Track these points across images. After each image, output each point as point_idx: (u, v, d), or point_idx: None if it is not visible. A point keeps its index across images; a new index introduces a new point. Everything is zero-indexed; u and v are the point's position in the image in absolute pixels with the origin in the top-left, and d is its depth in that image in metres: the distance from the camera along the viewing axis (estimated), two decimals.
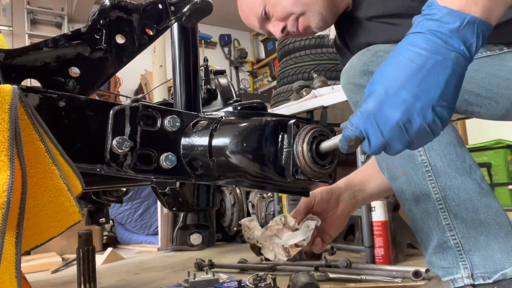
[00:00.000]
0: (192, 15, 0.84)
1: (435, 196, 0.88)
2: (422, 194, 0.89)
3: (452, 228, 0.87)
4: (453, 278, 0.88)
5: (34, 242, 0.52)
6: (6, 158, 0.44)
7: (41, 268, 2.27)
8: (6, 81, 0.69)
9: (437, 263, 0.91)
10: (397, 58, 0.54)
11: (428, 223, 0.90)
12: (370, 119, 0.54)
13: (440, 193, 0.87)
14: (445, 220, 0.88)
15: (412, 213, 0.92)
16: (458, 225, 0.87)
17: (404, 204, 0.94)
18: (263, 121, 0.60)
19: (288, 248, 0.83)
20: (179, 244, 0.82)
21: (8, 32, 5.05)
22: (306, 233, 0.84)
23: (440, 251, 0.89)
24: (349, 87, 0.93)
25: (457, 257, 0.87)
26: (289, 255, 0.84)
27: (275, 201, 2.27)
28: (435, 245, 0.90)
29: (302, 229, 0.85)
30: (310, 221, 0.86)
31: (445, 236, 0.88)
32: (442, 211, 0.88)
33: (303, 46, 2.91)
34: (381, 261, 1.69)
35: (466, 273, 0.86)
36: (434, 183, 0.87)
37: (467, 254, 0.86)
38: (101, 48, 0.79)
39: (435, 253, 0.91)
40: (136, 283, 1.79)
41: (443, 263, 0.89)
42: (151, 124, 0.65)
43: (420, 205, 0.90)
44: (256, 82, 6.99)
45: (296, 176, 0.56)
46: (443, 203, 0.87)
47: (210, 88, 1.21)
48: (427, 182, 0.88)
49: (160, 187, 0.72)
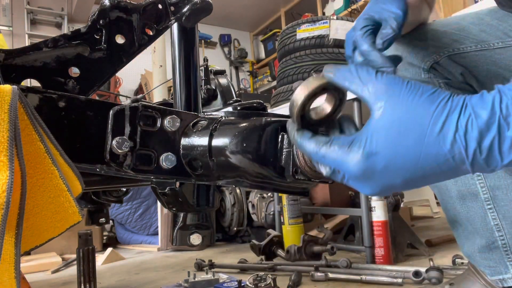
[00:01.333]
0: (192, 15, 0.83)
1: (483, 196, 0.87)
2: (469, 193, 0.89)
3: (501, 228, 0.87)
4: (502, 278, 0.88)
5: (33, 242, 0.52)
6: (6, 159, 0.44)
7: (41, 268, 2.27)
8: (6, 81, 0.69)
9: (483, 262, 0.91)
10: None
11: (475, 222, 0.89)
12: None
13: (489, 193, 0.87)
14: (493, 221, 0.87)
15: (456, 211, 0.92)
16: (507, 225, 0.86)
17: (447, 201, 0.93)
18: (263, 121, 0.60)
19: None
20: (179, 244, 0.82)
21: (8, 32, 5.05)
22: None
23: (487, 251, 0.89)
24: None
25: (504, 257, 0.87)
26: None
27: (275, 201, 2.27)
28: (482, 245, 0.89)
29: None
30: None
31: (493, 236, 0.87)
32: (491, 211, 0.87)
33: (303, 46, 2.91)
34: (381, 261, 1.69)
35: None
36: (483, 182, 0.87)
37: None
38: (101, 48, 0.79)
39: (480, 252, 0.90)
40: (136, 283, 1.79)
41: (489, 262, 0.89)
42: (151, 124, 0.64)
43: (466, 204, 0.90)
44: (256, 82, 6.99)
45: (296, 176, 0.56)
46: (492, 203, 0.87)
47: (210, 88, 1.21)
48: (475, 182, 0.88)
49: (160, 187, 0.72)
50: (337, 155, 0.44)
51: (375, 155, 0.41)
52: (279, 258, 1.92)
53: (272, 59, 6.32)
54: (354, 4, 4.54)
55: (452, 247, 1.95)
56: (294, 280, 1.45)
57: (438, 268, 1.36)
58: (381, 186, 0.43)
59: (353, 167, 0.43)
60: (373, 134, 0.42)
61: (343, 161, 0.43)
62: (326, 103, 0.49)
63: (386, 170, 0.41)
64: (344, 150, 0.43)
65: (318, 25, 2.88)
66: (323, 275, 1.50)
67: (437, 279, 1.32)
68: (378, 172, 0.42)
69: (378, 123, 0.42)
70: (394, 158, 0.41)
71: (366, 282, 1.44)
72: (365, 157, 0.42)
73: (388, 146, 0.41)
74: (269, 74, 6.58)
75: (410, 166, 0.41)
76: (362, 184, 0.44)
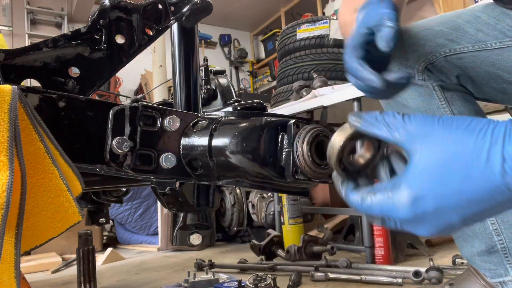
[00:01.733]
0: (192, 15, 0.84)
1: None
2: None
3: (500, 233, 0.87)
4: (502, 281, 0.88)
5: (33, 242, 0.52)
6: (6, 159, 0.44)
7: (41, 268, 2.27)
8: (6, 81, 0.69)
9: (482, 264, 0.90)
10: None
11: (474, 227, 0.89)
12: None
13: None
14: (492, 225, 0.87)
15: None
16: (506, 230, 0.86)
17: None
18: (263, 121, 0.60)
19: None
20: (179, 244, 0.82)
21: (8, 32, 5.05)
22: None
23: (486, 254, 0.89)
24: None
25: (504, 260, 0.87)
26: None
27: (275, 201, 2.27)
28: (481, 249, 0.89)
29: None
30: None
31: (492, 241, 0.87)
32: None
33: (303, 46, 2.91)
34: (381, 261, 1.69)
35: None
36: None
37: None
38: (101, 48, 0.79)
39: (479, 255, 0.90)
40: (136, 283, 1.79)
41: (489, 265, 0.89)
42: (151, 124, 0.64)
43: None
44: (256, 82, 6.99)
45: (296, 176, 0.56)
46: None
47: (210, 88, 1.21)
48: None
49: (160, 187, 0.72)
50: (383, 204, 0.42)
51: (423, 199, 0.40)
52: (279, 258, 1.92)
53: (272, 59, 6.31)
54: None
55: (452, 247, 1.94)
56: (294, 280, 1.45)
57: (438, 268, 1.36)
58: (439, 227, 0.41)
59: (402, 213, 0.41)
60: (415, 178, 0.40)
61: (391, 209, 0.42)
62: (365, 148, 0.48)
63: (439, 211, 0.40)
64: (389, 198, 0.41)
65: (318, 25, 2.88)
66: (323, 275, 1.50)
67: (437, 279, 1.32)
68: (430, 214, 0.40)
69: (418, 166, 0.40)
70: (443, 198, 0.39)
71: (366, 282, 1.44)
72: (412, 202, 0.40)
73: (434, 187, 0.39)
74: (269, 74, 6.58)
75: (464, 203, 0.39)
76: (418, 227, 0.42)
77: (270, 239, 1.96)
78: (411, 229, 0.42)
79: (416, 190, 0.40)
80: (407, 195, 0.40)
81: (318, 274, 1.50)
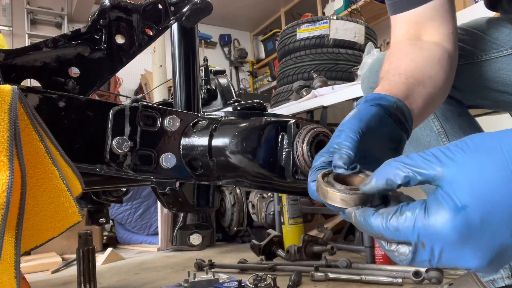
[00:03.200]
0: (192, 15, 0.83)
1: None
2: None
3: None
4: (492, 279, 0.88)
5: (33, 242, 0.52)
6: (6, 159, 0.44)
7: (41, 268, 2.27)
8: (6, 81, 0.69)
9: None
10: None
11: None
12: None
13: None
14: None
15: None
16: None
17: None
18: (263, 121, 0.60)
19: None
20: (179, 244, 0.82)
21: (8, 32, 5.05)
22: None
23: None
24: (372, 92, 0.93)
25: None
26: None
27: (275, 201, 2.27)
28: None
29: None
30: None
31: None
32: None
33: (303, 46, 2.91)
34: (381, 261, 1.69)
35: (506, 274, 0.86)
36: None
37: None
38: (101, 48, 0.79)
39: None
40: (136, 283, 1.79)
41: None
42: (151, 124, 0.64)
43: None
44: (256, 82, 6.99)
45: (296, 176, 0.56)
46: None
47: (210, 88, 1.20)
48: None
49: (160, 187, 0.72)
50: (414, 221, 0.35)
51: (465, 209, 0.33)
52: (279, 258, 1.92)
53: (272, 59, 6.31)
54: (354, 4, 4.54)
55: None
56: (294, 280, 1.45)
57: (438, 268, 1.36)
58: (491, 249, 0.33)
59: (443, 229, 0.34)
60: (450, 187, 0.35)
61: (426, 225, 0.34)
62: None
63: (487, 224, 0.33)
64: (422, 213, 0.35)
65: (318, 25, 2.87)
66: (323, 275, 1.49)
67: (437, 279, 1.32)
68: (477, 228, 0.33)
69: (453, 178, 0.35)
70: (490, 208, 0.33)
71: (366, 282, 1.44)
72: (454, 212, 0.33)
73: (475, 195, 0.34)
74: (269, 74, 6.57)
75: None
76: (464, 251, 0.34)
77: (270, 239, 1.96)
78: (456, 255, 0.34)
79: (455, 199, 0.34)
80: (448, 207, 0.34)
81: (318, 274, 1.50)
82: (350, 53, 2.78)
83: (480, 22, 0.93)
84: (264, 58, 6.82)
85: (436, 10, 0.76)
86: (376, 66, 0.94)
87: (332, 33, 2.81)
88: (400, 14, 0.80)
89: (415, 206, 0.36)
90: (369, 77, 0.95)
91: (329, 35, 2.81)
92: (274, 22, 6.59)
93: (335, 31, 2.81)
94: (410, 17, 0.77)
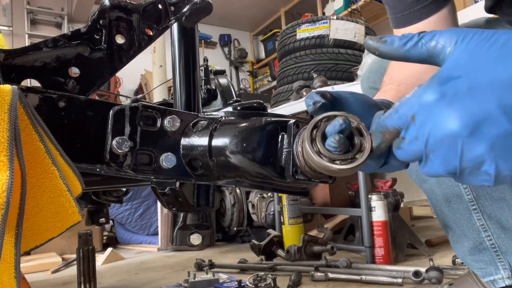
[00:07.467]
0: (192, 15, 0.83)
1: (467, 197, 0.86)
2: (453, 195, 0.88)
3: (487, 228, 0.86)
4: (493, 279, 0.87)
5: (33, 242, 0.52)
6: (6, 159, 0.44)
7: (41, 268, 2.27)
8: (6, 81, 0.69)
9: (474, 264, 0.90)
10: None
11: (461, 224, 0.88)
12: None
13: (472, 194, 0.86)
14: (479, 221, 0.86)
15: (444, 214, 0.91)
16: (492, 225, 0.86)
17: (434, 205, 0.93)
18: (263, 121, 0.59)
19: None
20: (179, 244, 0.82)
21: (8, 32, 5.05)
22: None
23: (476, 253, 0.88)
24: (371, 92, 0.93)
25: (495, 258, 0.86)
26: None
27: (275, 201, 2.27)
28: (470, 247, 0.89)
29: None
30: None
31: (480, 237, 0.87)
32: (476, 212, 0.86)
33: (303, 46, 2.91)
34: (381, 261, 1.69)
35: (506, 274, 0.86)
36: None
37: (504, 255, 0.86)
38: (101, 48, 0.79)
39: (471, 254, 0.90)
40: (136, 283, 1.79)
41: (480, 264, 0.89)
42: (151, 124, 0.64)
43: (452, 206, 0.89)
44: (256, 82, 6.99)
45: (296, 176, 0.56)
46: (476, 204, 0.86)
47: (210, 88, 1.20)
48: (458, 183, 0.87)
49: (160, 187, 0.72)
50: (410, 98, 0.37)
51: (456, 79, 0.34)
52: (279, 258, 1.92)
53: (272, 59, 6.32)
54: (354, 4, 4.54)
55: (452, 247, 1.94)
56: (294, 280, 1.45)
57: (438, 268, 1.36)
58: (472, 113, 0.33)
59: (428, 93, 0.35)
60: (449, 63, 0.36)
61: (416, 96, 0.36)
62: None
63: (473, 90, 0.33)
64: (416, 91, 0.37)
65: (318, 25, 2.88)
66: (323, 275, 1.50)
67: (437, 279, 1.32)
68: (463, 93, 0.34)
69: (453, 56, 0.36)
70: (480, 75, 0.33)
71: (366, 282, 1.44)
72: (443, 81, 0.35)
73: (471, 66, 0.34)
74: (269, 74, 6.58)
75: (504, 79, 0.33)
76: (444, 111, 0.34)
77: (270, 239, 1.96)
78: (438, 115, 0.35)
79: (449, 71, 0.35)
80: (437, 77, 0.35)
81: (318, 274, 1.50)
82: (350, 53, 2.78)
83: (479, 22, 0.93)
84: (264, 58, 6.82)
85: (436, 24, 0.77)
86: (376, 66, 0.94)
87: (332, 33, 2.81)
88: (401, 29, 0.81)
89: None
90: (368, 77, 0.96)
91: (329, 35, 2.81)
92: (274, 22, 6.59)
93: (335, 31, 2.81)
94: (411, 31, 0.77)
